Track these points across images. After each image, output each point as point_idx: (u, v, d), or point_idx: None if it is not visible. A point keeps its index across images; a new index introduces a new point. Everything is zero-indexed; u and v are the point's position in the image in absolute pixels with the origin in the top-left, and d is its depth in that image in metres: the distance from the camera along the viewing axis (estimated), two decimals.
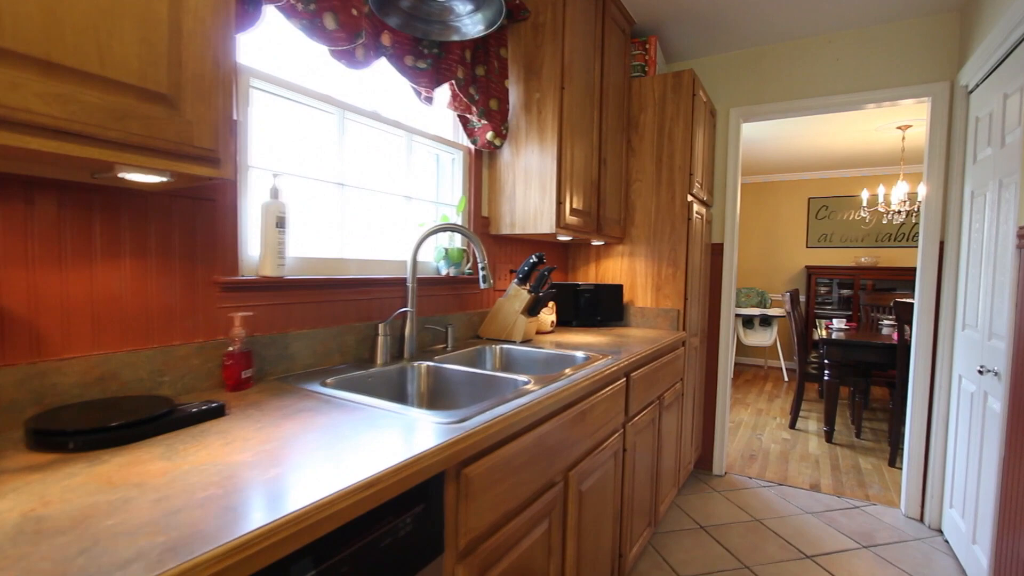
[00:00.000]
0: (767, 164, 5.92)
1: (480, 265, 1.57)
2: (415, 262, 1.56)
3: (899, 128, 4.32)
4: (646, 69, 2.60)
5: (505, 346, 1.84)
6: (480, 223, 2.04)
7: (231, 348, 1.12)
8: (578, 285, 2.50)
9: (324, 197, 1.49)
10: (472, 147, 1.97)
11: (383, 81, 1.69)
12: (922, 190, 4.32)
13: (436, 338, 1.81)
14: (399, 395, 1.45)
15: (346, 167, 1.55)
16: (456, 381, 1.45)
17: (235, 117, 1.17)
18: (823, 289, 6.14)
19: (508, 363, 1.84)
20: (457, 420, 0.94)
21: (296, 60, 1.41)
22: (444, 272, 1.84)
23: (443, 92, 1.77)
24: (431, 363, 1.50)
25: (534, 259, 1.90)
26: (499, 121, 1.93)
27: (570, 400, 1.27)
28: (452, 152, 1.95)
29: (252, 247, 1.27)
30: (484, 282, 1.58)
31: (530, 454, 1.10)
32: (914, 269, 5.52)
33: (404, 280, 1.65)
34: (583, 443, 1.37)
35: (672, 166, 2.46)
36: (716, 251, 3.02)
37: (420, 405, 1.49)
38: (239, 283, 1.19)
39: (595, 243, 2.60)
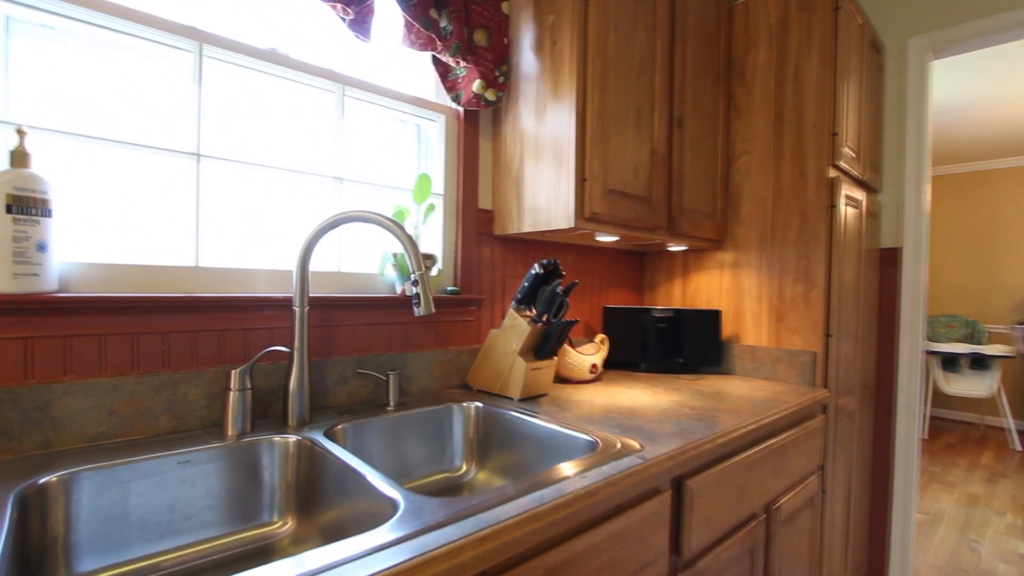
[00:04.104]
0: (972, 146, 4.30)
1: (412, 278, 0.94)
2: (304, 272, 0.98)
3: None
4: None
5: (488, 407, 1.16)
6: (477, 220, 1.40)
7: None
8: (650, 310, 1.71)
9: (176, 177, 0.99)
10: (458, 108, 1.36)
11: (321, 17, 1.17)
12: None
13: (381, 390, 1.20)
14: (240, 500, 0.85)
15: (214, 132, 1.03)
16: (336, 481, 0.82)
17: None
18: None
19: (484, 439, 1.15)
20: None
21: None
22: (400, 290, 1.23)
23: (396, 23, 1.20)
24: (316, 439, 0.89)
25: (538, 270, 1.20)
26: (491, 64, 1.29)
27: (501, 563, 0.56)
28: (434, 117, 1.36)
29: None
30: (417, 306, 0.94)
31: None
32: None
33: (290, 300, 1.08)
34: None
35: (800, 125, 1.57)
36: (888, 260, 1.96)
37: (281, 515, 0.88)
38: None
39: (673, 248, 1.78)
